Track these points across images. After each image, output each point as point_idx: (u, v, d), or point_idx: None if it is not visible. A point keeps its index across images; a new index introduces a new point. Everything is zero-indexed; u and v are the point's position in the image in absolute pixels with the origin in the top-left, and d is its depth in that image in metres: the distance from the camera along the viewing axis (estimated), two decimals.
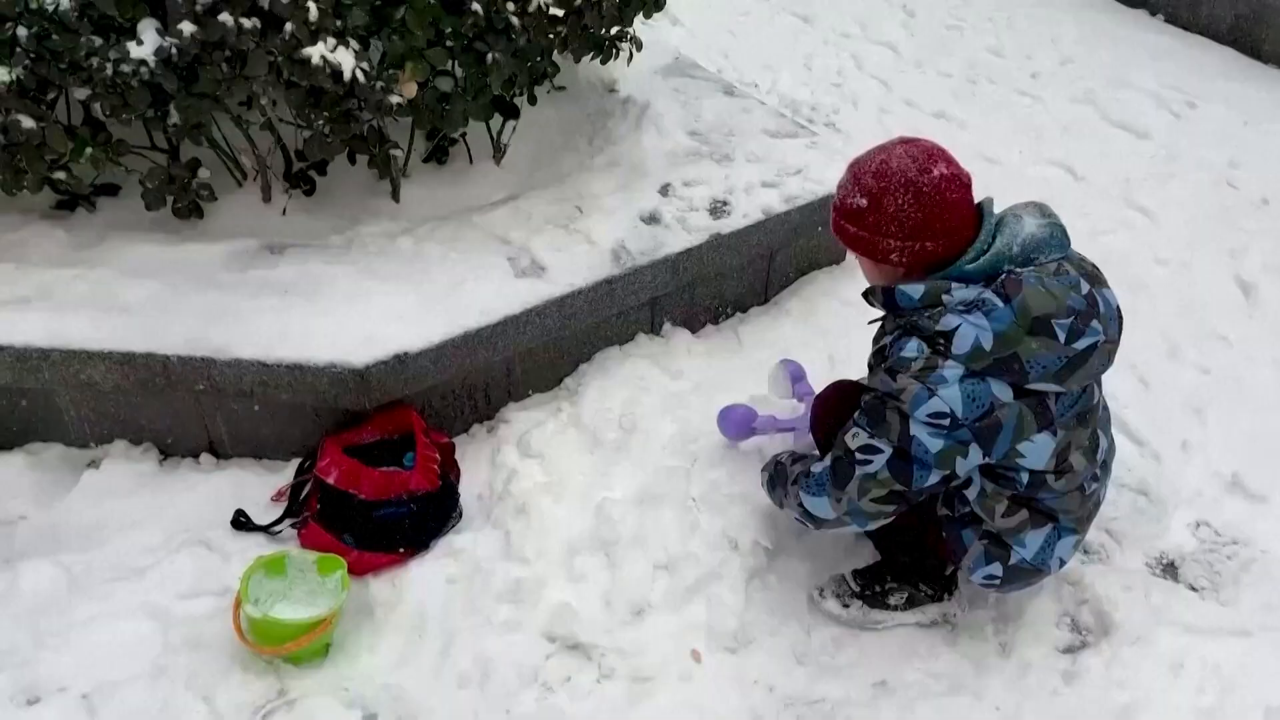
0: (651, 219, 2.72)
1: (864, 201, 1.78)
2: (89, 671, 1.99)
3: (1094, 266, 1.86)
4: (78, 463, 2.43)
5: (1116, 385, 2.66)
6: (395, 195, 2.78)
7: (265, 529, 2.28)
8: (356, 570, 2.18)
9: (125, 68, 2.12)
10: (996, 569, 1.93)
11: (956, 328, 1.71)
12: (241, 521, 2.28)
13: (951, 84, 4.27)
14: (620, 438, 2.46)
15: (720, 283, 2.85)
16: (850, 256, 3.17)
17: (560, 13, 2.47)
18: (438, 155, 2.91)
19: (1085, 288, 1.77)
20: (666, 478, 2.39)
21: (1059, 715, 2.00)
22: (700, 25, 4.55)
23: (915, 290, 1.76)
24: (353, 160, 2.66)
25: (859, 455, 1.83)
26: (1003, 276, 1.74)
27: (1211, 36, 4.61)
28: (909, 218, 1.75)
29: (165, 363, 2.25)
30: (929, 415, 1.73)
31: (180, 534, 2.25)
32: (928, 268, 1.80)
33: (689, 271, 2.70)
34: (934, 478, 1.79)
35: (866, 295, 1.88)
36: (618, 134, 3.01)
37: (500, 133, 2.91)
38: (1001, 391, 1.73)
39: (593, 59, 2.81)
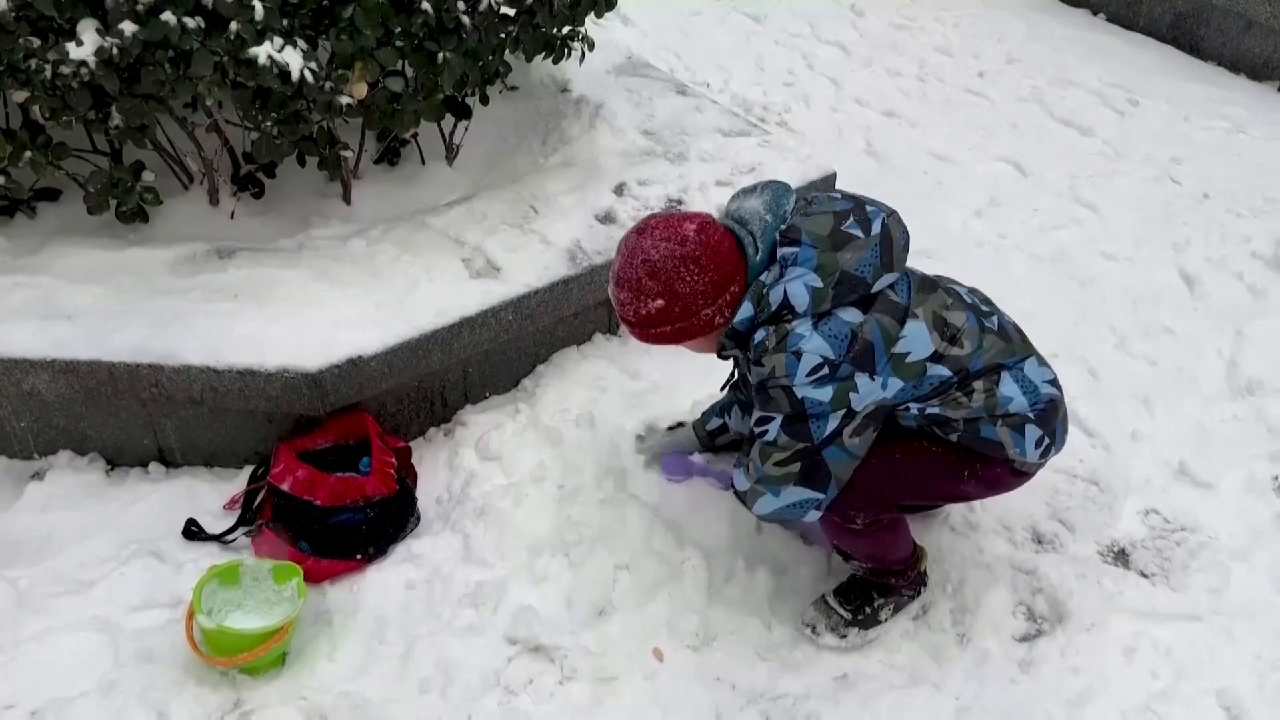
0: (607, 218, 2.71)
1: (660, 302, 1.81)
2: (38, 688, 1.94)
3: None
4: (21, 474, 2.37)
5: (1067, 377, 2.70)
6: (346, 197, 2.74)
7: (218, 538, 2.24)
8: (313, 578, 2.15)
9: (65, 69, 2.06)
10: (1035, 431, 1.90)
11: (785, 293, 1.77)
12: (193, 531, 2.24)
13: (901, 83, 4.31)
14: (579, 438, 2.45)
15: None
16: None
17: (511, 12, 2.45)
18: (389, 156, 2.88)
19: (838, 194, 1.89)
20: (627, 478, 2.38)
21: (1017, 703, 2.03)
22: (652, 25, 4.56)
23: (746, 311, 1.82)
24: (302, 162, 2.63)
25: (757, 427, 1.87)
26: (779, 235, 1.82)
27: (1152, 35, 4.70)
28: (704, 283, 1.80)
29: (111, 370, 2.20)
30: (807, 374, 1.76)
31: (130, 545, 2.21)
32: (740, 302, 1.84)
33: None
34: (832, 423, 1.80)
35: (719, 349, 1.92)
36: (571, 134, 3.00)
37: (453, 133, 2.89)
38: (851, 316, 1.78)
39: (545, 58, 2.79)
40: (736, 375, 2.17)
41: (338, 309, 2.32)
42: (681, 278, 1.78)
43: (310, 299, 2.34)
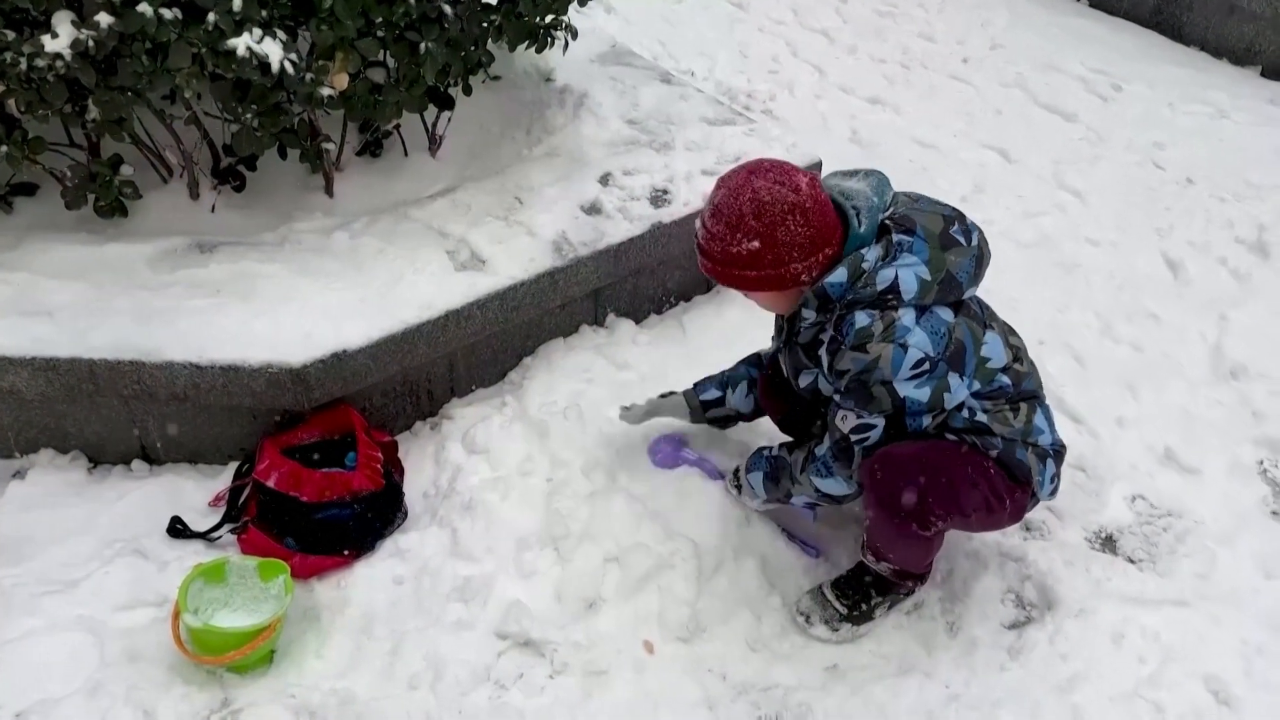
0: (592, 209, 2.70)
1: (756, 244, 1.76)
2: (23, 690, 1.92)
3: None
4: (2, 474, 2.34)
5: (1053, 365, 2.72)
6: (329, 190, 2.72)
7: (203, 535, 2.22)
8: (300, 574, 2.13)
9: (40, 62, 2.03)
10: (1052, 467, 1.96)
11: (895, 277, 1.77)
12: (178, 529, 2.22)
13: (885, 69, 4.30)
14: (567, 431, 2.44)
15: (663, 272, 2.84)
16: None
17: (493, 1, 2.43)
18: (371, 148, 2.85)
19: (935, 200, 1.89)
20: (615, 470, 2.37)
21: (1007, 690, 2.03)
22: (635, 13, 4.53)
23: (840, 276, 1.79)
24: (283, 154, 2.60)
25: (854, 435, 1.91)
26: (890, 221, 1.82)
27: (1135, 20, 4.71)
28: (805, 236, 1.76)
29: (91, 368, 2.17)
30: (911, 369, 1.78)
31: (114, 544, 2.18)
32: (830, 266, 1.82)
33: (632, 261, 2.68)
34: (926, 420, 1.87)
35: (801, 305, 1.86)
36: (555, 124, 2.98)
37: (435, 124, 2.86)
38: (946, 315, 1.81)
39: (528, 48, 2.77)
40: (783, 340, 2.06)
41: (321, 303, 2.30)
42: (785, 225, 1.74)
43: (293, 293, 2.31)
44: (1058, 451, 1.99)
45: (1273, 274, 3.17)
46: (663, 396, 2.40)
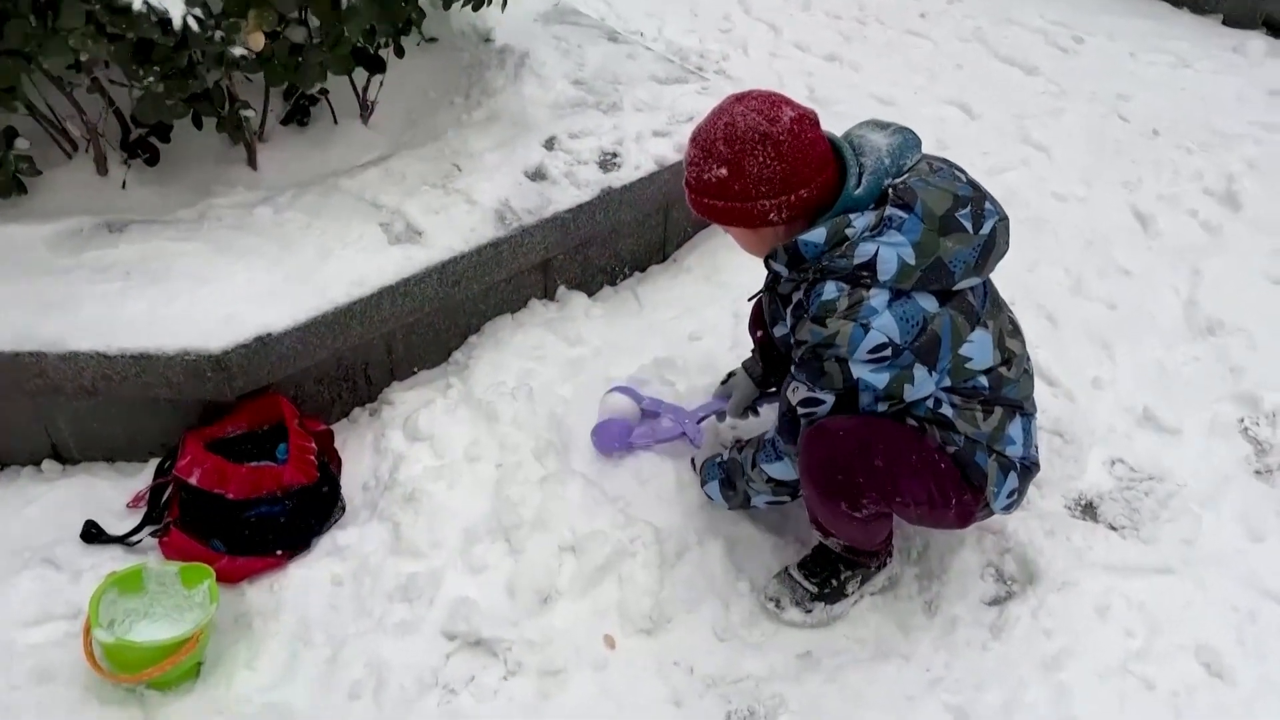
0: (537, 175, 2.53)
1: (724, 171, 1.65)
2: None
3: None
4: None
5: (1025, 325, 2.59)
6: (251, 162, 2.52)
7: (122, 540, 2.04)
8: (229, 578, 1.97)
9: None
10: (1014, 480, 1.82)
11: (875, 253, 1.62)
12: (93, 533, 2.04)
13: (841, 26, 4.15)
14: (516, 412, 2.28)
15: (615, 241, 2.68)
16: None
17: None
18: (298, 116, 2.65)
19: (963, 175, 1.73)
20: (569, 452, 2.23)
21: (989, 670, 1.92)
22: None
23: (818, 235, 1.64)
24: (199, 124, 2.39)
25: (802, 409, 1.77)
26: (891, 190, 1.66)
27: None
28: (775, 172, 1.64)
29: None
30: (869, 352, 1.65)
31: (22, 553, 2.01)
32: (807, 215, 1.69)
33: (581, 230, 2.52)
34: (882, 407, 1.73)
35: (768, 258, 1.74)
36: (495, 86, 2.80)
37: (366, 89, 2.67)
38: (928, 303, 1.66)
39: (464, 6, 2.59)
40: (765, 285, 1.94)
41: (243, 283, 2.11)
42: (754, 155, 1.62)
43: (212, 274, 2.13)
44: (1026, 468, 1.84)
45: (1244, 225, 3.07)
46: (725, 382, 2.27)
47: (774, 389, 2.21)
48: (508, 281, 2.49)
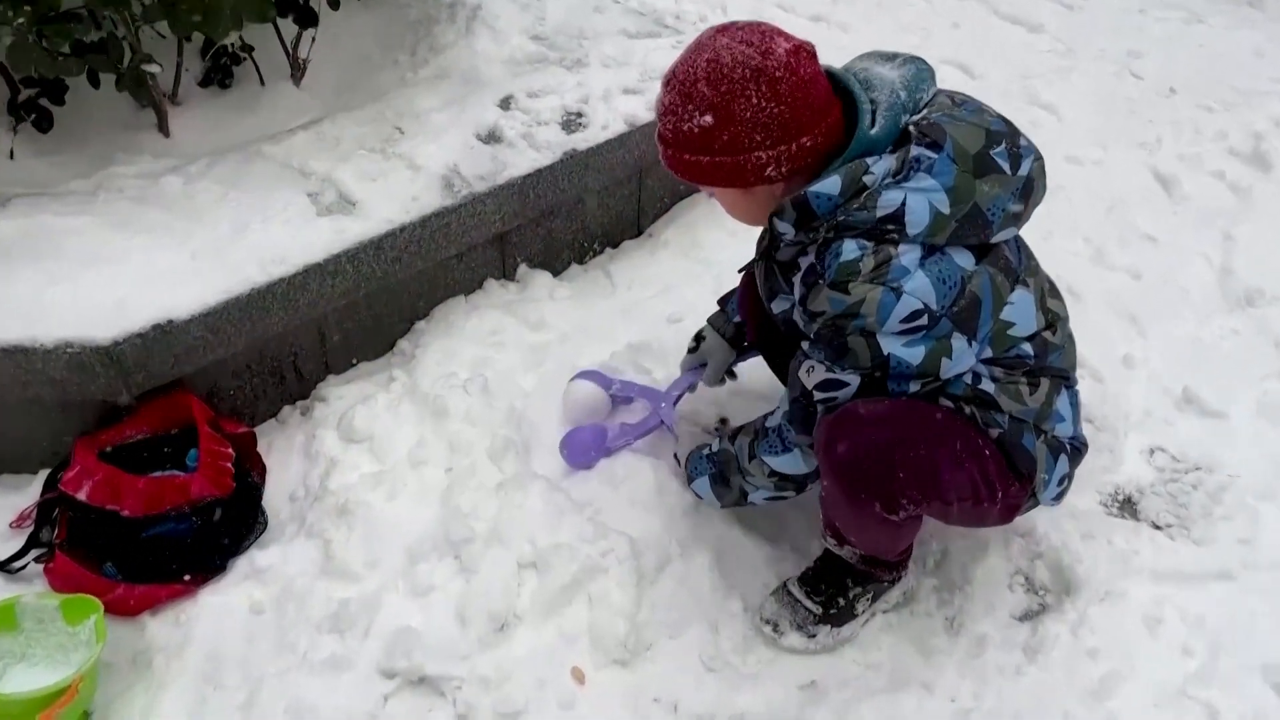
0: (491, 137, 2.22)
1: (708, 118, 1.35)
2: None
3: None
4: None
5: None
6: (162, 128, 2.21)
7: (1, 567, 1.72)
8: (126, 609, 1.67)
9: None
10: (1065, 465, 1.55)
11: (903, 202, 1.33)
12: None
13: None
14: (470, 408, 1.98)
15: (582, 212, 2.38)
16: None
17: None
18: (219, 77, 2.34)
19: (989, 109, 1.47)
20: (529, 452, 1.93)
21: (1027, 699, 1.63)
22: None
23: (831, 185, 1.35)
24: (95, 82, 2.07)
25: (819, 394, 1.47)
26: (913, 128, 1.37)
27: None
28: (772, 115, 1.34)
29: None
30: (902, 322, 1.35)
31: None
32: (809, 170, 1.39)
33: (542, 198, 2.21)
34: (914, 386, 1.43)
35: (774, 216, 1.43)
36: (445, 41, 2.49)
37: (296, 46, 2.36)
38: (964, 260, 1.38)
39: None
40: (760, 252, 1.62)
41: (141, 263, 1.80)
42: (746, 96, 1.32)
43: (104, 253, 1.81)
44: (1076, 449, 1.58)
45: (1275, 186, 2.80)
46: (692, 351, 1.97)
47: (750, 347, 1.93)
48: (459, 259, 2.18)
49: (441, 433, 1.94)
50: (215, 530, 1.74)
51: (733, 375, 2.00)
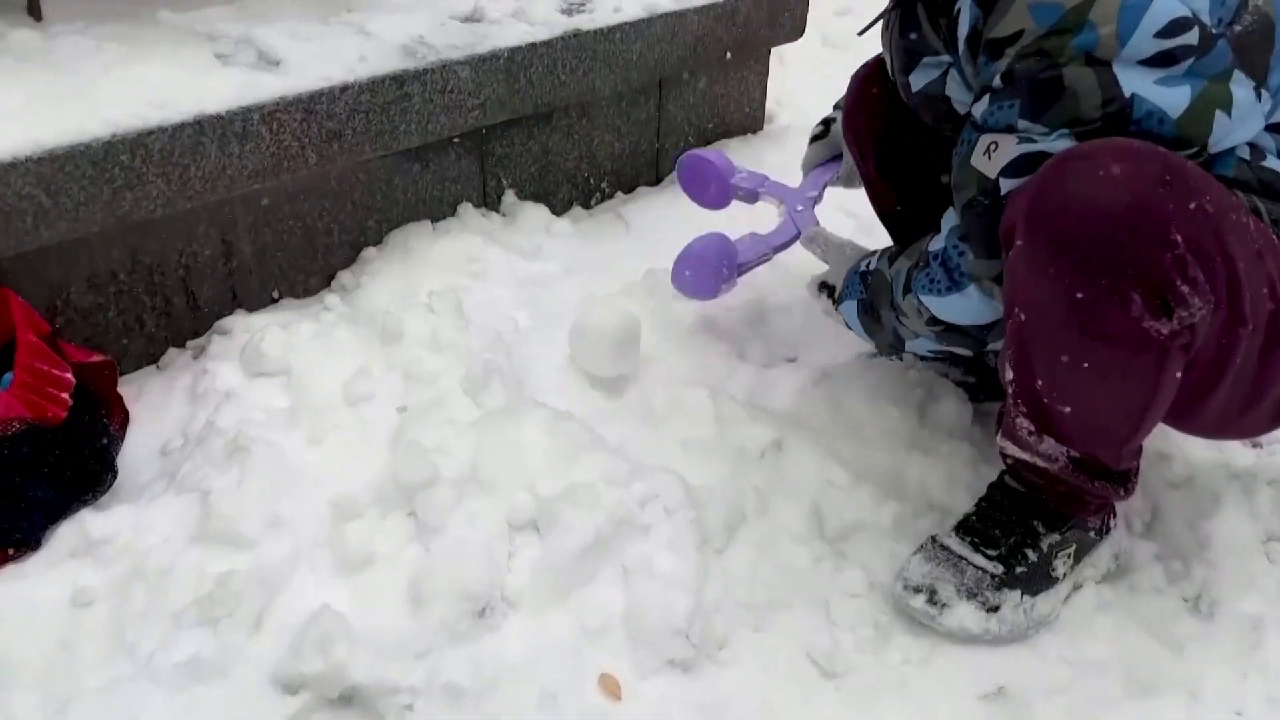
0: (470, 18, 1.70)
1: None
2: None
3: None
4: None
5: None
6: (34, 10, 1.67)
7: None
8: None
9: None
10: None
11: None
12: None
13: None
14: (436, 328, 1.37)
15: (588, 132, 1.84)
16: (772, 124, 2.24)
17: None
18: None
19: None
20: (524, 379, 1.31)
21: None
22: None
23: None
24: None
25: (1006, 180, 0.95)
26: None
27: None
28: None
29: None
30: (1157, 36, 0.85)
31: None
32: None
33: (536, 86, 1.67)
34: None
35: None
36: None
37: None
38: None
39: None
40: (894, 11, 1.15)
41: None
42: None
43: None
44: None
45: None
46: (823, 126, 1.49)
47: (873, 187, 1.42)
48: (424, 165, 1.62)
49: (393, 362, 1.33)
50: (25, 479, 1.09)
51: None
